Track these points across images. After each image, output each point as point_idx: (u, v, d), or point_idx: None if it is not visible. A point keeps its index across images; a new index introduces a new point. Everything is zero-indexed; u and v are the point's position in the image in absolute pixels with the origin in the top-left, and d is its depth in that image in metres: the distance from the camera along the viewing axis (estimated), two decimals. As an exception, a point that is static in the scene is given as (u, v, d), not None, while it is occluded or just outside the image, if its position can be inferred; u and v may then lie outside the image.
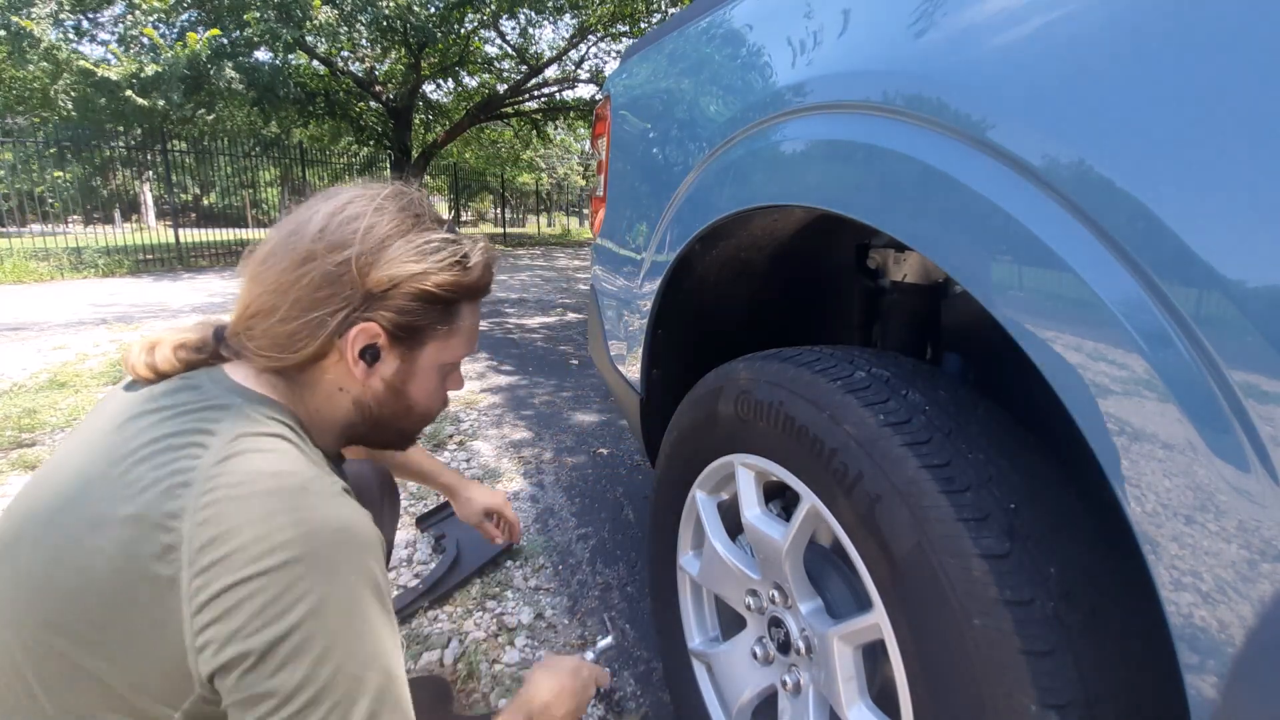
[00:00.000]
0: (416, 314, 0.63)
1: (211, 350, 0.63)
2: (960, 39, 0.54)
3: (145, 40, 8.03)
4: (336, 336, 0.60)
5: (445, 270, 0.63)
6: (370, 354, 0.63)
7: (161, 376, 0.61)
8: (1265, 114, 0.35)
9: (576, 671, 0.82)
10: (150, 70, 7.69)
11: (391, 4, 8.93)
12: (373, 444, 0.74)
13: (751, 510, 0.80)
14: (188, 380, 0.60)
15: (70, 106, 8.18)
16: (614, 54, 13.92)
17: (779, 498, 0.90)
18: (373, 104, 13.77)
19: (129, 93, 7.78)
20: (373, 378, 0.64)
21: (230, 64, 8.29)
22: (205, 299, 6.07)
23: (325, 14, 8.53)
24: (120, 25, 8.33)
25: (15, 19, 7.32)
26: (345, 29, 9.23)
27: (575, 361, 3.96)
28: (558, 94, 15.56)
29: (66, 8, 7.86)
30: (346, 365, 0.62)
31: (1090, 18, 0.44)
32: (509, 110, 15.35)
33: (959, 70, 0.53)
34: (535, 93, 15.20)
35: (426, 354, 0.67)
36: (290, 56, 9.49)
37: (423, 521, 1.79)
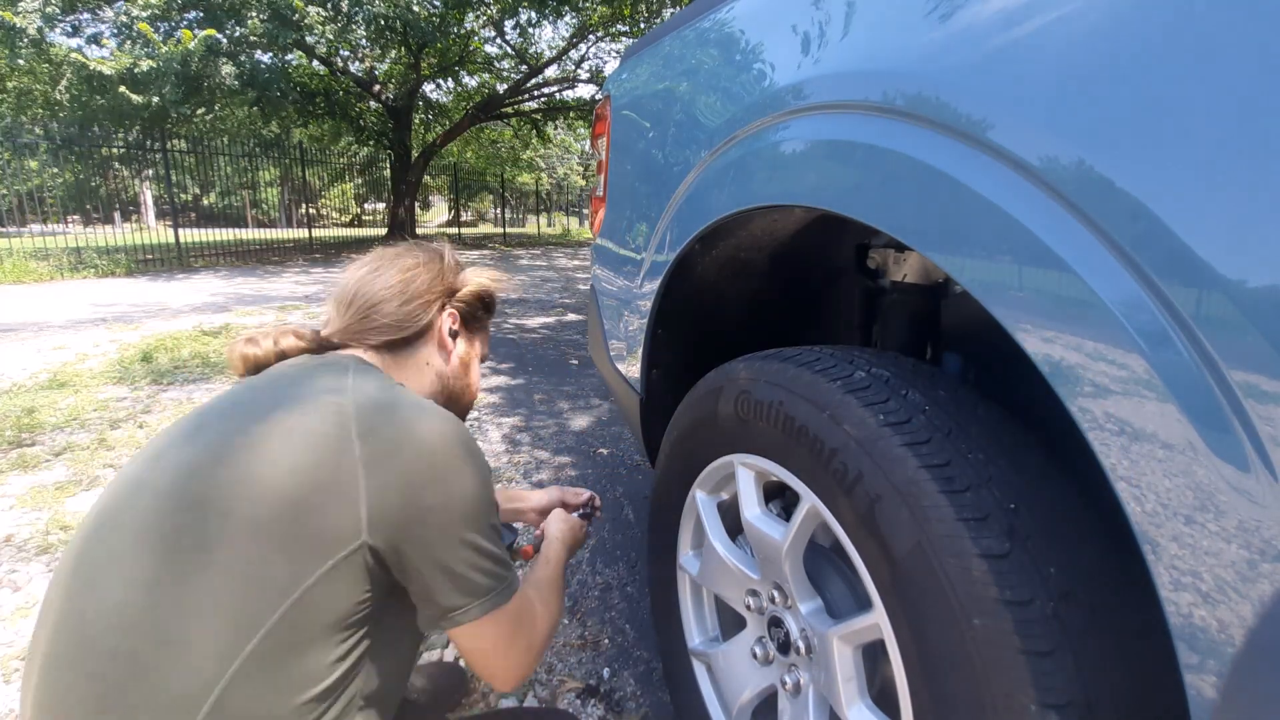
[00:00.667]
0: (477, 308, 0.91)
1: (319, 342, 0.81)
2: (960, 39, 0.54)
3: (139, 34, 8.00)
4: (436, 316, 0.85)
5: (491, 282, 0.93)
6: (453, 334, 0.88)
7: (280, 358, 0.78)
8: (1265, 113, 0.35)
9: (581, 524, 1.09)
10: (145, 65, 7.67)
11: (389, 3, 8.93)
12: None
13: (751, 510, 0.80)
14: (313, 355, 0.78)
15: (66, 102, 8.17)
16: (614, 54, 13.93)
17: (779, 498, 0.90)
18: (373, 104, 13.77)
19: (123, 88, 7.76)
20: (453, 354, 0.88)
21: (227, 63, 8.29)
22: (206, 298, 6.07)
23: (316, 14, 8.51)
24: (116, 20, 8.30)
25: (2, 13, 7.30)
26: (340, 31, 9.22)
27: (575, 361, 3.96)
28: (557, 94, 15.56)
29: (55, 4, 7.82)
30: (438, 341, 0.86)
31: (1089, 18, 0.44)
32: (509, 110, 15.36)
33: (959, 70, 0.53)
34: (535, 93, 15.20)
35: (476, 342, 0.94)
36: (289, 57, 9.49)
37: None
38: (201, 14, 8.59)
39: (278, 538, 0.58)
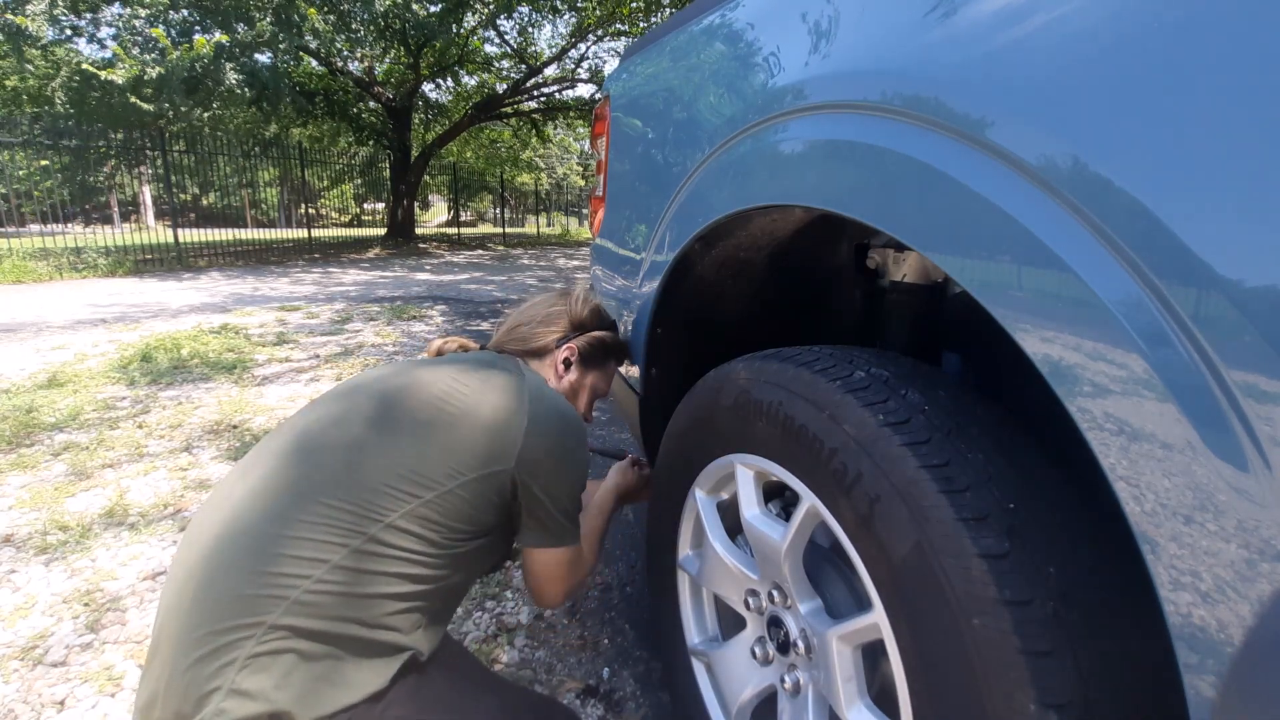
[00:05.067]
0: (598, 350, 1.12)
1: (482, 347, 1.09)
2: (959, 39, 0.54)
3: (146, 38, 7.98)
4: (554, 346, 1.08)
5: (612, 335, 1.16)
6: (566, 363, 1.08)
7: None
8: (1264, 113, 0.35)
9: (639, 475, 1.24)
10: (154, 72, 7.67)
11: (389, 2, 8.92)
12: None
13: (751, 510, 0.80)
14: (476, 354, 1.01)
15: (65, 101, 8.14)
16: (613, 53, 13.93)
17: (779, 498, 0.90)
18: (372, 104, 13.77)
19: (133, 98, 7.76)
20: (563, 378, 1.08)
21: (231, 65, 8.27)
22: (205, 298, 6.07)
23: (320, 21, 8.51)
24: (119, 23, 8.28)
25: (10, 16, 7.28)
26: (343, 34, 9.21)
27: (575, 361, 3.94)
28: (557, 94, 15.56)
29: (61, 6, 7.81)
30: (553, 364, 1.07)
31: (1088, 17, 0.44)
32: (508, 110, 15.35)
33: (958, 70, 0.54)
34: (534, 92, 15.20)
35: (590, 376, 1.12)
36: (289, 58, 9.48)
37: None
38: (201, 15, 8.58)
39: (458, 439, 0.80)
